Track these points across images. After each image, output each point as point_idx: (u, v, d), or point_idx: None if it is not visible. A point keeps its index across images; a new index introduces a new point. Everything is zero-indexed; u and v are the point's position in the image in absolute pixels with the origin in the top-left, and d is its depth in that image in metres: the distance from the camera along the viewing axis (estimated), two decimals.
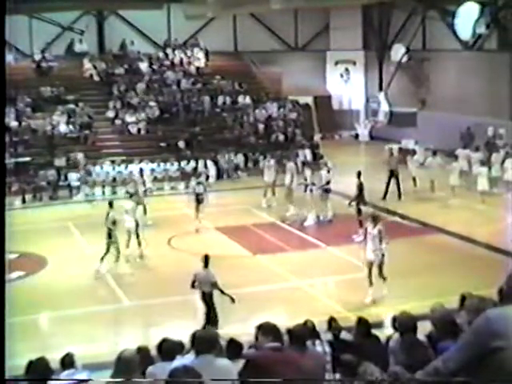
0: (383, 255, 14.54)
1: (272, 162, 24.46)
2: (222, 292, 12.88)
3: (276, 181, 23.46)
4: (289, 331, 6.81)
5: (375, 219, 14.97)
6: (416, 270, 16.24)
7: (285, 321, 12.13)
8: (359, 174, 20.01)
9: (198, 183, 21.10)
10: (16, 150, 26.86)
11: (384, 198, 23.43)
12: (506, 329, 3.47)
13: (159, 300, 15.00)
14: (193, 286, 13.12)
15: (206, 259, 13.14)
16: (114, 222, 16.87)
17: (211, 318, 12.91)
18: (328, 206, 21.19)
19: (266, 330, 6.10)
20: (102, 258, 16.71)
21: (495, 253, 17.32)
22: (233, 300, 12.79)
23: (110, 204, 17.48)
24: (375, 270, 14.57)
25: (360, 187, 19.77)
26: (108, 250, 16.77)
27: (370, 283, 14.47)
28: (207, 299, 13.04)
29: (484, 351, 3.49)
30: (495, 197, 22.81)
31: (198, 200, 20.52)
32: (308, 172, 22.18)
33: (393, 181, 23.71)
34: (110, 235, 16.76)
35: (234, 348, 7.27)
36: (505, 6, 28.81)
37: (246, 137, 30.64)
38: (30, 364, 7.45)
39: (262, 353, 5.88)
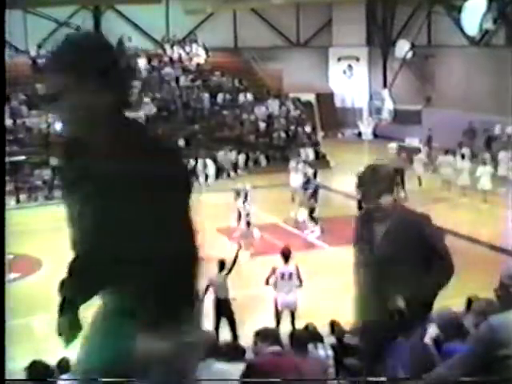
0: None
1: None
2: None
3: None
4: (290, 335, 6.81)
5: (289, 252, 12.18)
6: None
7: (287, 323, 12.09)
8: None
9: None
10: (11, 148, 26.36)
11: None
12: (510, 337, 3.40)
13: None
14: (206, 292, 11.65)
15: (222, 264, 12.30)
16: None
17: (233, 329, 11.74)
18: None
19: (265, 334, 6.04)
20: None
21: (500, 253, 16.96)
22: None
23: None
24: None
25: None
26: None
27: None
28: (223, 307, 11.82)
29: (489, 360, 3.44)
30: (502, 196, 22.34)
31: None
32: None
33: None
34: None
35: (234, 351, 6.91)
36: None
37: (247, 135, 30.31)
38: (30, 366, 7.27)
39: (262, 358, 5.78)
